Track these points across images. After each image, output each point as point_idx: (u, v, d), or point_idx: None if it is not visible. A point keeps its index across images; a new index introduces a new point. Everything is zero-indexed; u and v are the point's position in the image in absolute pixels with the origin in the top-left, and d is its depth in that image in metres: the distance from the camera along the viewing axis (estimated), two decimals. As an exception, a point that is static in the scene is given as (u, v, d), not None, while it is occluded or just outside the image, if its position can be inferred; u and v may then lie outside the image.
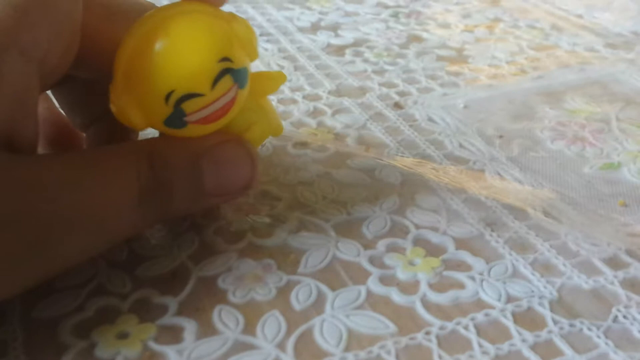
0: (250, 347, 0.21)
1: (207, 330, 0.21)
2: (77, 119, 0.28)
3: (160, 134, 0.24)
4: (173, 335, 0.21)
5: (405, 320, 0.22)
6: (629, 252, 0.25)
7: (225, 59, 0.21)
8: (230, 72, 0.22)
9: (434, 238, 0.26)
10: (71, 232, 0.20)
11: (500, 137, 0.32)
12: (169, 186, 0.22)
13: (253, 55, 0.23)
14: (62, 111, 0.28)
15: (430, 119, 0.34)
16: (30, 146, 0.21)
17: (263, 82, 0.25)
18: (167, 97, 0.21)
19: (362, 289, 0.23)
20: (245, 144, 0.24)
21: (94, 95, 0.26)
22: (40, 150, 0.26)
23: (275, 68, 0.40)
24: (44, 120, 0.27)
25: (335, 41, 0.44)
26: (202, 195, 0.23)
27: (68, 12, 0.21)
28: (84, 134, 0.28)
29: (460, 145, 0.32)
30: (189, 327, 0.21)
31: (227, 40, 0.22)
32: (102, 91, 0.25)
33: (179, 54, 0.21)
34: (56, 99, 0.28)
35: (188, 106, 0.21)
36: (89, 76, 0.25)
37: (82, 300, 0.22)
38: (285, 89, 0.37)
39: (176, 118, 0.22)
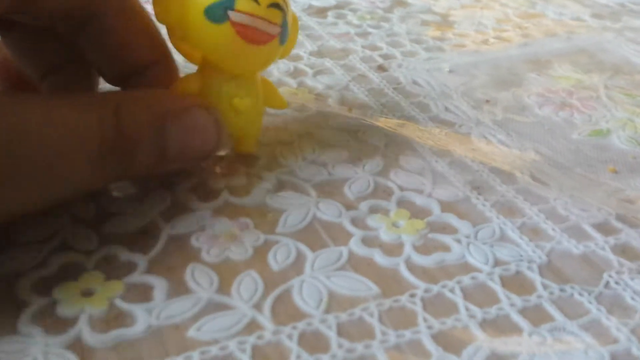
0: (225, 307, 0.20)
1: (178, 289, 0.20)
2: (31, 70, 0.26)
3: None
4: (142, 293, 0.20)
5: (389, 283, 0.21)
6: (620, 218, 0.24)
7: (285, 2, 0.23)
8: (283, 14, 0.22)
9: (419, 200, 0.25)
10: (23, 179, 0.19)
11: (487, 101, 0.31)
12: (132, 142, 0.21)
13: (288, 50, 0.25)
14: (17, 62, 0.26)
15: (415, 82, 0.33)
16: None
17: (271, 92, 0.26)
18: None
19: (344, 250, 0.22)
20: (211, 111, 0.23)
21: (46, 43, 0.25)
22: None
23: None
24: None
25: (317, 3, 0.42)
26: (164, 156, 0.22)
27: None
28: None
29: (446, 109, 0.31)
30: (159, 285, 0.20)
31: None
32: (55, 39, 0.24)
33: None
34: (7, 49, 0.26)
35: (242, 2, 0.21)
36: (39, 22, 0.24)
37: (44, 256, 0.21)
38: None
39: (223, 7, 0.21)
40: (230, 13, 0.21)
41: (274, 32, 0.22)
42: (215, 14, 0.22)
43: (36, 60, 0.26)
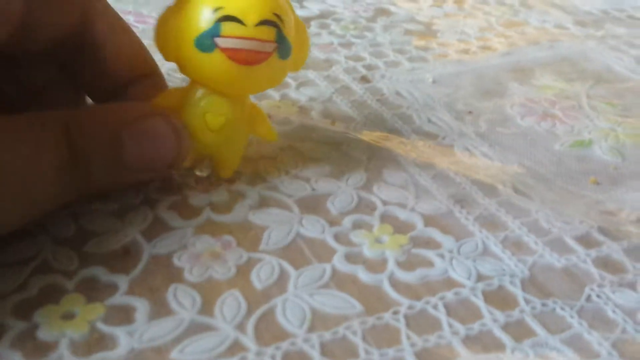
0: (208, 328, 0.20)
1: (160, 310, 0.20)
2: (16, 92, 0.26)
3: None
4: (123, 315, 0.20)
5: (372, 300, 0.21)
6: (602, 230, 0.24)
7: (279, 17, 0.22)
8: (278, 29, 0.22)
9: (402, 214, 0.25)
10: None
11: (470, 112, 0.31)
12: (86, 157, 0.21)
13: (298, 63, 0.25)
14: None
15: (398, 93, 0.33)
16: None
17: (259, 121, 0.25)
18: (214, 10, 0.22)
19: (327, 267, 0.22)
20: (170, 120, 0.23)
21: (33, 65, 0.25)
22: None
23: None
24: None
25: (300, 12, 0.42)
26: (122, 169, 0.22)
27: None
28: None
29: (429, 120, 0.31)
30: (141, 307, 0.20)
31: (286, 9, 0.23)
32: (41, 60, 0.24)
33: None
34: None
35: (227, 27, 0.22)
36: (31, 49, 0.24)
37: (24, 278, 0.21)
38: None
39: (209, 36, 0.22)
40: (217, 40, 0.22)
41: (268, 49, 0.22)
42: (204, 44, 0.22)
43: (22, 83, 0.26)
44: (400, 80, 0.34)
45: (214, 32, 0.22)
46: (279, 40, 0.22)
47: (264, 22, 0.22)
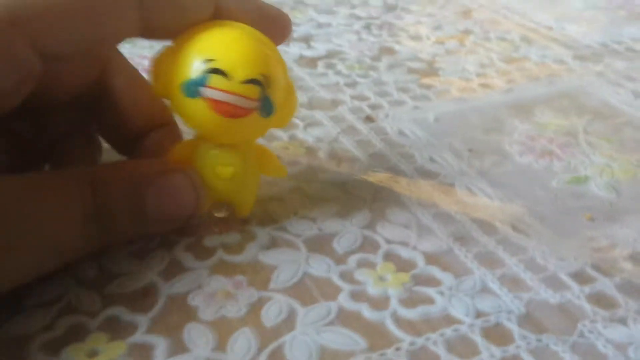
0: (221, 365, 0.21)
1: (177, 348, 0.21)
2: (38, 141, 0.28)
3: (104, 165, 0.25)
4: (144, 353, 0.21)
5: (376, 336, 0.22)
6: (595, 267, 0.25)
7: (266, 78, 0.24)
8: (262, 89, 0.24)
9: (404, 253, 0.26)
10: (13, 251, 0.21)
11: (470, 151, 0.33)
12: (110, 211, 0.23)
13: (284, 121, 0.26)
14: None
15: (401, 133, 0.35)
16: None
17: (267, 161, 0.27)
18: (205, 61, 0.23)
19: (333, 305, 0.23)
20: (189, 174, 0.25)
21: (54, 115, 0.27)
22: None
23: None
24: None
25: (307, 53, 0.44)
26: (145, 222, 0.24)
27: (25, 59, 0.22)
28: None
29: (431, 159, 0.32)
30: (160, 345, 0.21)
31: (275, 72, 0.24)
32: (62, 111, 0.26)
33: (238, 41, 0.24)
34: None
35: (213, 79, 0.23)
36: (44, 105, 0.26)
37: (51, 318, 0.22)
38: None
39: (196, 84, 0.23)
40: (203, 89, 0.23)
41: (249, 106, 0.23)
42: (189, 90, 0.23)
43: (42, 132, 0.27)
44: (403, 119, 0.36)
45: (201, 81, 0.23)
46: (262, 99, 0.24)
47: (250, 81, 0.23)
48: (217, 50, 0.23)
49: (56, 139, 0.27)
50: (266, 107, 0.24)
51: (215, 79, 0.23)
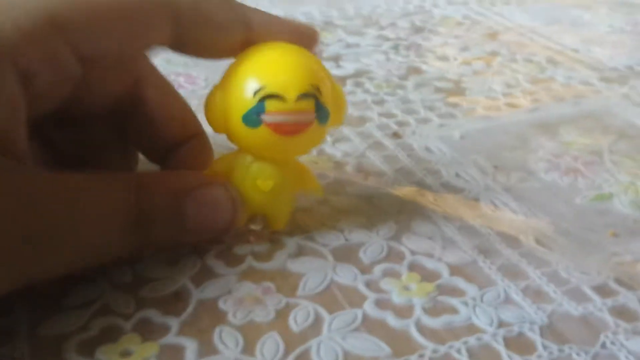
0: (250, 367, 0.22)
1: (207, 349, 0.22)
2: (75, 151, 0.29)
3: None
4: (175, 354, 0.22)
5: (400, 343, 0.23)
6: (618, 281, 0.26)
7: (316, 88, 0.25)
8: (316, 99, 0.25)
9: (429, 264, 0.26)
10: (54, 244, 0.21)
11: (495, 167, 0.33)
12: (151, 218, 0.24)
13: (339, 119, 0.27)
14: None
15: (428, 149, 0.35)
16: (22, 156, 0.22)
17: (305, 178, 0.28)
18: (256, 91, 0.24)
19: (359, 312, 0.24)
20: (228, 188, 0.25)
21: (90, 127, 0.28)
22: None
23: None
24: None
25: (336, 72, 0.45)
26: (182, 231, 0.25)
27: (66, 62, 0.23)
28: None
29: (457, 175, 0.33)
30: (191, 346, 0.22)
31: (322, 79, 0.25)
32: (97, 122, 0.27)
33: (281, 61, 0.25)
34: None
35: (270, 104, 0.24)
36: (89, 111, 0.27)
37: (87, 319, 0.23)
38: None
39: (255, 113, 0.24)
40: (263, 116, 0.24)
41: (309, 119, 0.25)
42: (251, 120, 0.24)
43: (80, 142, 0.29)
44: (429, 136, 0.37)
45: (258, 109, 0.24)
46: (317, 109, 0.25)
47: (303, 96, 0.24)
48: (264, 76, 0.24)
49: (93, 149, 0.29)
50: (322, 114, 0.25)
51: (272, 104, 0.24)
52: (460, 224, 0.29)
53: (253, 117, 0.24)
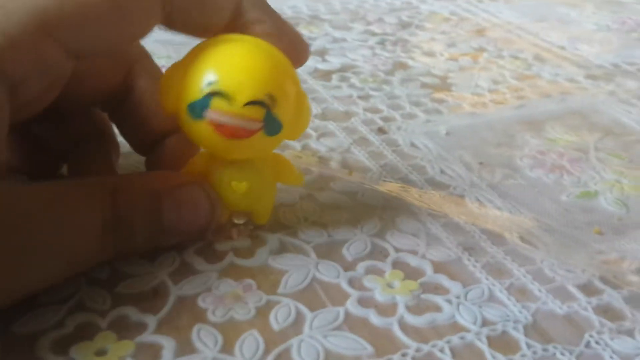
0: (228, 366, 0.21)
1: (185, 348, 0.22)
2: (56, 144, 0.29)
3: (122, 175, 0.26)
4: (151, 353, 0.21)
5: (383, 342, 0.22)
6: (603, 279, 0.25)
7: (271, 98, 0.23)
8: (267, 109, 0.23)
9: (413, 261, 0.26)
10: (34, 259, 0.21)
11: (481, 164, 0.33)
12: (129, 221, 0.23)
13: (295, 133, 0.26)
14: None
15: (413, 145, 0.35)
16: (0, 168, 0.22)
17: (284, 169, 0.27)
18: (207, 84, 0.23)
19: (341, 310, 0.23)
20: (205, 188, 0.25)
21: (73, 119, 0.28)
22: None
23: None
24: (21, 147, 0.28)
25: (322, 66, 0.45)
26: (161, 233, 0.24)
27: (55, 63, 0.22)
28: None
29: (442, 171, 0.32)
30: (168, 345, 0.22)
31: (284, 89, 0.24)
32: (80, 114, 0.26)
33: (244, 60, 0.24)
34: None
35: (215, 102, 0.23)
36: (70, 108, 0.27)
37: (62, 316, 0.23)
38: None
39: (200, 105, 0.23)
40: (206, 112, 0.23)
41: (252, 127, 0.23)
42: (194, 112, 0.23)
43: (62, 134, 0.28)
44: (415, 132, 0.36)
45: (204, 103, 0.23)
46: (267, 120, 0.23)
47: (253, 102, 0.23)
48: (221, 71, 0.23)
49: (75, 140, 0.28)
50: (271, 126, 0.24)
51: (217, 102, 0.23)
52: (445, 221, 0.28)
53: (197, 110, 0.23)
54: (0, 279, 0.20)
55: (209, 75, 0.23)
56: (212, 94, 0.23)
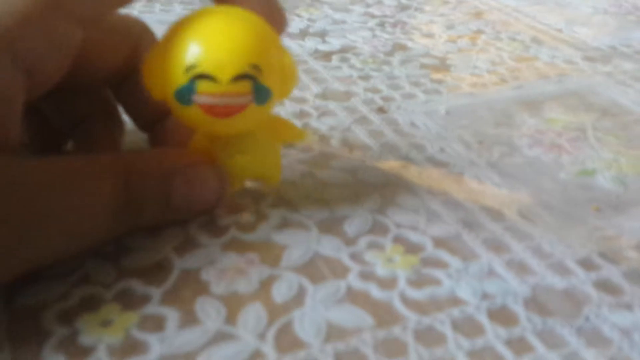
0: (231, 337, 0.21)
1: (189, 319, 0.22)
2: (61, 121, 0.29)
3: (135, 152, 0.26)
4: (155, 324, 0.22)
5: (383, 315, 0.23)
6: (601, 255, 0.26)
7: (256, 67, 0.23)
8: (254, 80, 0.23)
9: (414, 237, 0.26)
10: (44, 233, 0.21)
11: (480, 142, 0.33)
12: (139, 199, 0.23)
13: (285, 92, 0.25)
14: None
15: (413, 124, 0.35)
16: (13, 148, 0.22)
17: (283, 129, 0.27)
18: (188, 68, 0.22)
19: (342, 283, 0.24)
20: (214, 166, 0.25)
21: (78, 96, 0.28)
22: None
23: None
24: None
25: (322, 47, 0.45)
26: (171, 210, 0.25)
27: (67, 34, 0.22)
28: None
29: (441, 150, 0.33)
30: (172, 316, 0.22)
31: (267, 54, 0.23)
32: (86, 91, 0.26)
33: (222, 34, 0.23)
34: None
35: (201, 85, 0.22)
36: (76, 86, 0.27)
37: (67, 288, 0.23)
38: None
39: (186, 92, 0.23)
40: (194, 96, 0.23)
41: (242, 102, 0.23)
42: (182, 98, 0.23)
43: (67, 112, 0.28)
44: (415, 111, 0.36)
45: (189, 89, 0.22)
46: (255, 91, 0.23)
47: (238, 77, 0.22)
48: (200, 51, 0.22)
49: (80, 118, 0.28)
50: (261, 95, 0.23)
51: (203, 84, 0.22)
52: (445, 198, 0.29)
53: (184, 96, 0.23)
54: (12, 250, 0.20)
55: (188, 59, 0.22)
56: (195, 78, 0.22)
